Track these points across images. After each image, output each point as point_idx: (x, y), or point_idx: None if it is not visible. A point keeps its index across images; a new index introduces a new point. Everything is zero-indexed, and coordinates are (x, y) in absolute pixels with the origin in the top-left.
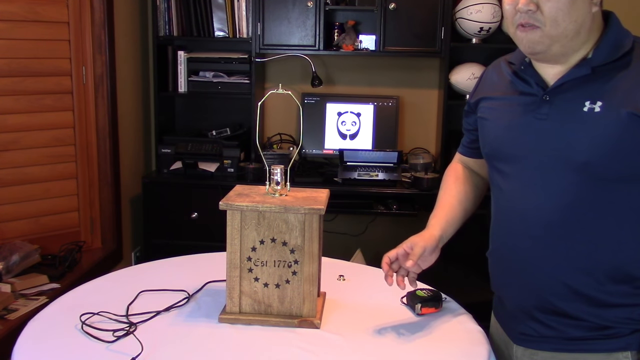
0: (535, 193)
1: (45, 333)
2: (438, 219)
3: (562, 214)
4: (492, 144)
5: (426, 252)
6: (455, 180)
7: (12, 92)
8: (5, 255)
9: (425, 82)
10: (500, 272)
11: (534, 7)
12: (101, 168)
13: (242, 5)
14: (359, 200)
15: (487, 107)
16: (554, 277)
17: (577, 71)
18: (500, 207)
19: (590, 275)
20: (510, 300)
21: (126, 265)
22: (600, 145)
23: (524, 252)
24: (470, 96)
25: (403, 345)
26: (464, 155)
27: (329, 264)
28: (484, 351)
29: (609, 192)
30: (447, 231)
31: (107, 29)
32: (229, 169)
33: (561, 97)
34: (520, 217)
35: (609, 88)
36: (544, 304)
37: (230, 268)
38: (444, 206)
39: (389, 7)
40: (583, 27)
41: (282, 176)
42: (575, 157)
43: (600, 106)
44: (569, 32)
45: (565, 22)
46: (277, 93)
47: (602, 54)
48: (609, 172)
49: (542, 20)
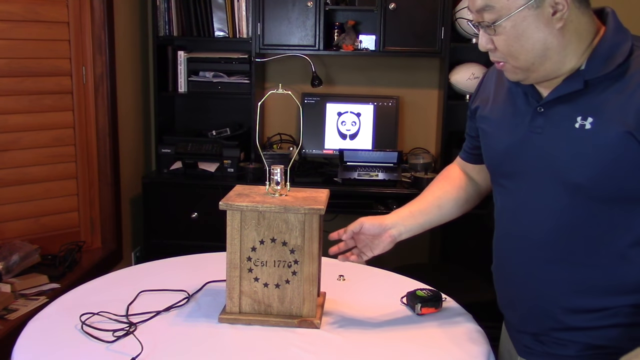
0: (532, 211)
1: (45, 333)
2: (401, 209)
3: (558, 234)
4: (494, 159)
5: (364, 230)
6: (442, 179)
7: (12, 92)
8: (5, 255)
9: (425, 82)
10: (503, 288)
11: (492, 46)
12: (101, 168)
13: (242, 5)
14: (359, 200)
15: (487, 119)
16: (551, 299)
17: (569, 85)
18: (500, 222)
19: (588, 296)
20: (513, 318)
21: (126, 265)
22: (591, 166)
23: (522, 273)
24: (471, 101)
25: (403, 345)
26: (464, 160)
27: (329, 264)
28: (484, 351)
29: (605, 212)
30: (406, 222)
31: (107, 29)
32: (229, 169)
33: (555, 110)
34: (517, 235)
35: (601, 102)
36: (544, 326)
37: (230, 268)
38: (417, 200)
39: (389, 7)
40: (549, 49)
41: (282, 176)
42: (568, 177)
43: (591, 122)
44: (533, 60)
45: (522, 54)
46: (277, 93)
47: (596, 66)
48: (602, 194)
49: (502, 56)
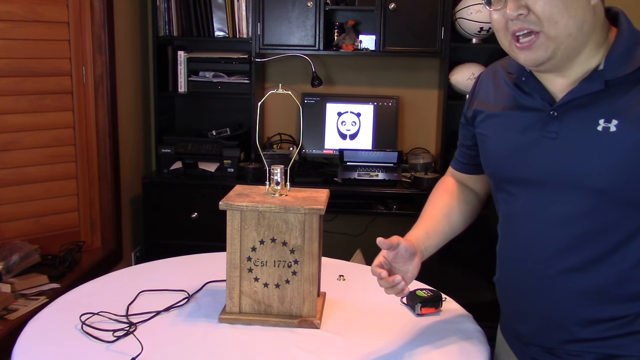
0: (544, 217)
1: (45, 333)
2: (416, 231)
3: (573, 240)
4: (497, 164)
5: (400, 249)
6: (443, 193)
7: (12, 92)
8: (5, 255)
9: (425, 82)
10: (510, 301)
11: (525, 11)
12: (101, 168)
13: (242, 5)
14: (359, 200)
15: (488, 123)
16: (564, 310)
17: (588, 85)
18: (507, 230)
19: (604, 306)
20: (522, 331)
21: (126, 265)
22: (618, 170)
23: (533, 284)
24: (466, 108)
25: (403, 345)
26: (457, 170)
27: (329, 264)
28: (484, 351)
29: (625, 216)
30: (425, 243)
31: (107, 29)
32: (229, 169)
33: (572, 114)
34: (527, 242)
35: (625, 103)
36: (558, 339)
37: (230, 268)
38: (426, 218)
39: (389, 7)
40: (585, 22)
41: (282, 176)
42: (589, 182)
43: (616, 125)
44: (572, 30)
45: (563, 18)
46: (277, 93)
47: (615, 65)
48: (627, 197)
49: (537, 21)
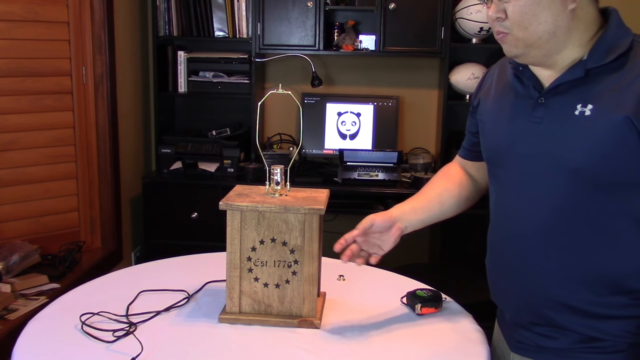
0: (528, 198)
1: (45, 333)
2: (403, 204)
3: (555, 220)
4: (491, 149)
5: (375, 227)
6: (442, 176)
7: (12, 92)
8: (5, 255)
9: (425, 82)
10: (496, 280)
11: (503, 15)
12: (101, 168)
13: (242, 5)
14: (359, 200)
15: (486, 110)
16: (547, 288)
17: (570, 73)
18: (495, 213)
19: (585, 286)
20: (506, 309)
21: (126, 265)
22: (591, 152)
23: (517, 261)
24: (473, 97)
25: (403, 345)
26: (463, 157)
27: (329, 264)
28: (484, 351)
29: (602, 198)
30: (409, 216)
31: (107, 29)
32: (229, 169)
33: (555, 100)
34: (513, 222)
35: (601, 90)
36: (538, 316)
37: (230, 268)
38: (418, 195)
39: (389, 7)
40: (558, 27)
41: (282, 176)
42: (566, 162)
43: (590, 109)
44: (542, 34)
45: (532, 24)
46: (277, 93)
47: (597, 56)
48: (601, 179)
49: (509, 26)
